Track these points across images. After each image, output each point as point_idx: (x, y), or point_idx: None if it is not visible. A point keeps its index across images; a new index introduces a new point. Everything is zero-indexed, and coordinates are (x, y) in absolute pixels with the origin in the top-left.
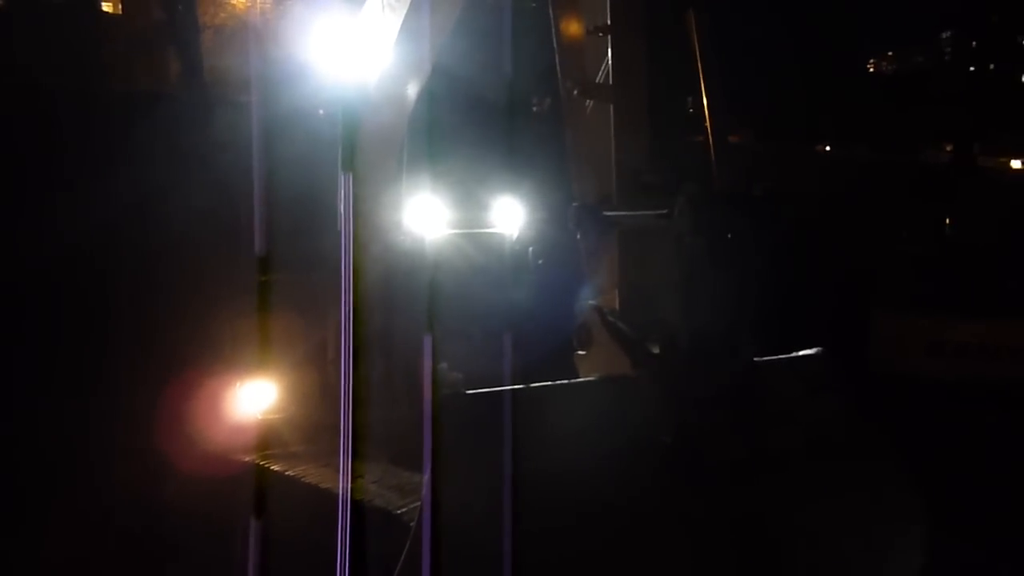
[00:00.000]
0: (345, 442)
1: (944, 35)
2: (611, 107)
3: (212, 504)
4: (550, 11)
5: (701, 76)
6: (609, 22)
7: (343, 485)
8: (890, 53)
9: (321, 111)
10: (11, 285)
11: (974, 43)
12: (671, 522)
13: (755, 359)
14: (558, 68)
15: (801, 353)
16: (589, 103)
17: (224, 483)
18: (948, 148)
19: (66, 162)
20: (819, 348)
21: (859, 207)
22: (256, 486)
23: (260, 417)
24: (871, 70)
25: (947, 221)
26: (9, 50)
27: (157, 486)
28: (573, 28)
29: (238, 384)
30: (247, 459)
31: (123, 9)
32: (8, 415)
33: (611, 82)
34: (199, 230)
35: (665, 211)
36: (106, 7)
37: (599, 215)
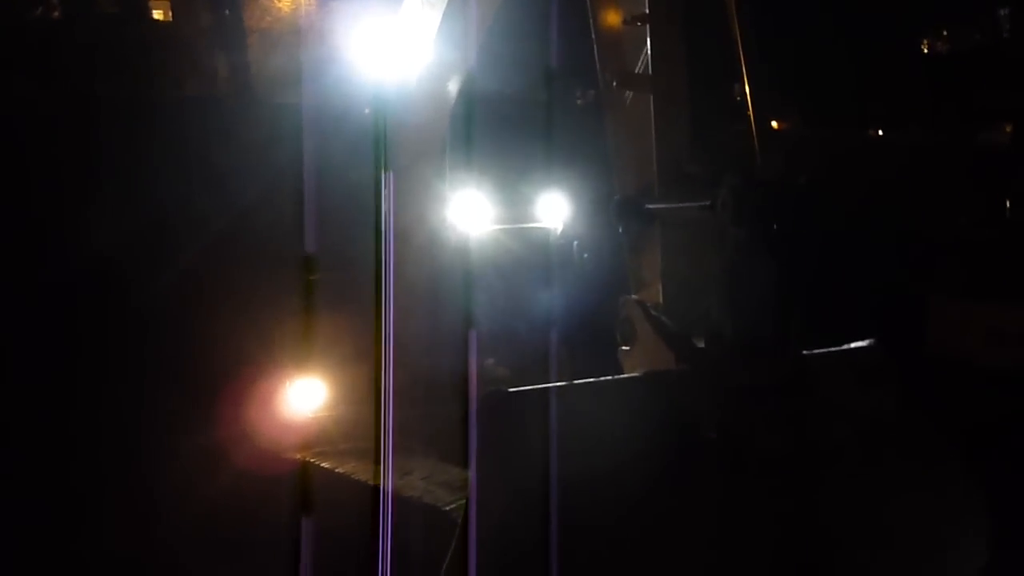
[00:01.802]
0: (385, 438)
1: (1002, 12)
2: (651, 98)
3: (264, 500)
4: (587, 2)
5: (743, 62)
6: (647, 11)
7: (384, 481)
8: (945, 32)
9: (366, 110)
10: (65, 284)
11: None
12: (718, 519)
13: (804, 352)
14: (596, 60)
15: (853, 345)
16: (629, 94)
17: (275, 480)
18: (1007, 129)
19: (119, 164)
20: (872, 339)
21: (914, 191)
22: (306, 483)
23: (310, 415)
24: (925, 50)
25: (1007, 204)
26: (64, 58)
27: (210, 483)
28: (611, 18)
29: (289, 382)
30: (298, 457)
31: (172, 16)
32: (64, 415)
33: (650, 72)
34: (249, 230)
35: (708, 202)
36: (156, 15)
37: (641, 208)
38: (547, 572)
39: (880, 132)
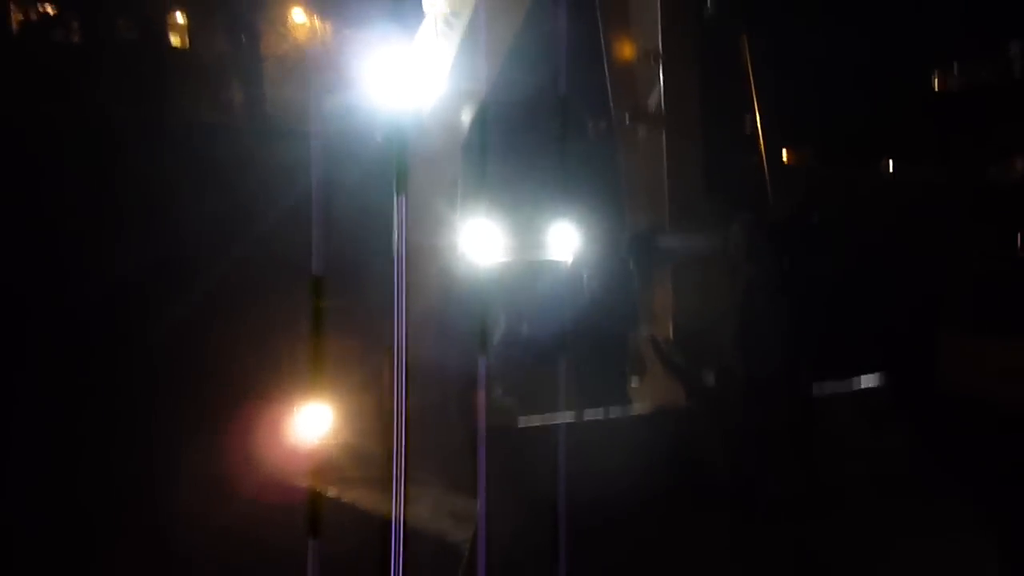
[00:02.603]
0: (398, 468)
1: (1013, 48)
2: (664, 134)
3: (269, 528)
4: (601, 38)
5: (755, 100)
6: (661, 49)
7: (396, 512)
8: (955, 68)
9: (378, 138)
10: (76, 311)
11: None
12: (726, 558)
13: (815, 390)
14: (610, 95)
15: (864, 383)
16: (642, 130)
17: (280, 508)
18: (1018, 165)
19: (134, 191)
20: (883, 377)
21: (926, 227)
22: (312, 511)
23: (316, 443)
24: (936, 87)
25: (1019, 239)
26: (82, 83)
27: (216, 510)
28: (625, 55)
29: (295, 409)
30: (304, 484)
31: (189, 43)
32: (72, 439)
33: (664, 109)
34: (260, 257)
35: (720, 239)
36: (174, 40)
37: (653, 244)
38: None
39: (892, 168)
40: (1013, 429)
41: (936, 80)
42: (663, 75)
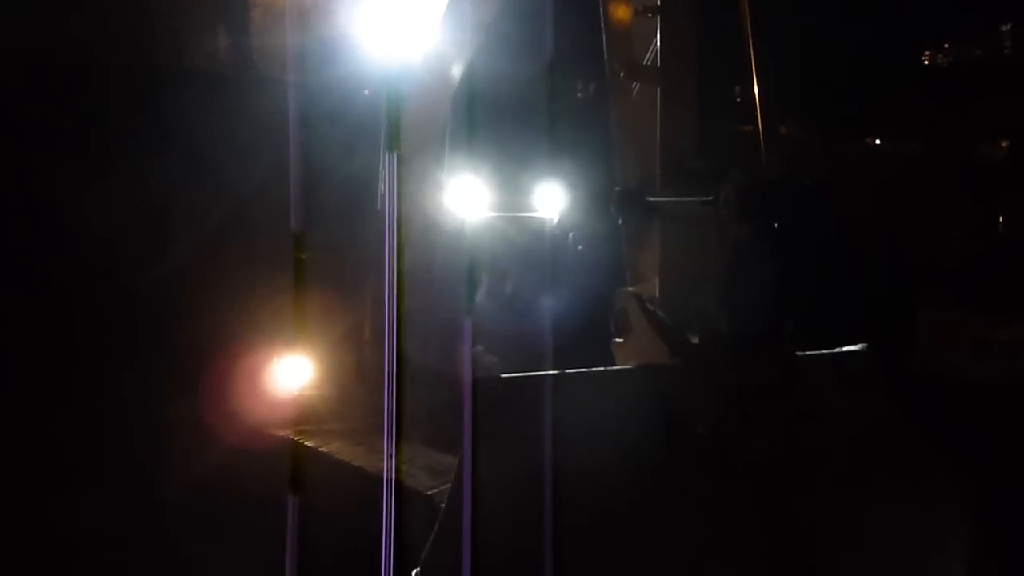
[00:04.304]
0: (389, 422)
1: (1004, 28)
2: (658, 90)
3: (248, 477)
4: None
5: (752, 61)
6: (658, 2)
7: (388, 466)
8: (946, 46)
9: (366, 91)
10: (59, 260)
11: None
12: (704, 515)
13: (797, 353)
14: (604, 49)
15: (844, 349)
16: (635, 86)
17: (260, 457)
18: (1003, 144)
19: (116, 137)
20: (863, 344)
21: (908, 202)
22: (292, 462)
23: (296, 393)
24: (926, 63)
25: (999, 219)
26: (65, 24)
27: (195, 458)
28: (621, 8)
29: (276, 360)
30: (283, 435)
31: None
32: (55, 388)
33: (659, 64)
34: (243, 208)
35: (710, 198)
36: None
37: (642, 200)
38: (534, 560)
39: (878, 142)
40: (982, 402)
41: (927, 57)
42: (660, 28)
